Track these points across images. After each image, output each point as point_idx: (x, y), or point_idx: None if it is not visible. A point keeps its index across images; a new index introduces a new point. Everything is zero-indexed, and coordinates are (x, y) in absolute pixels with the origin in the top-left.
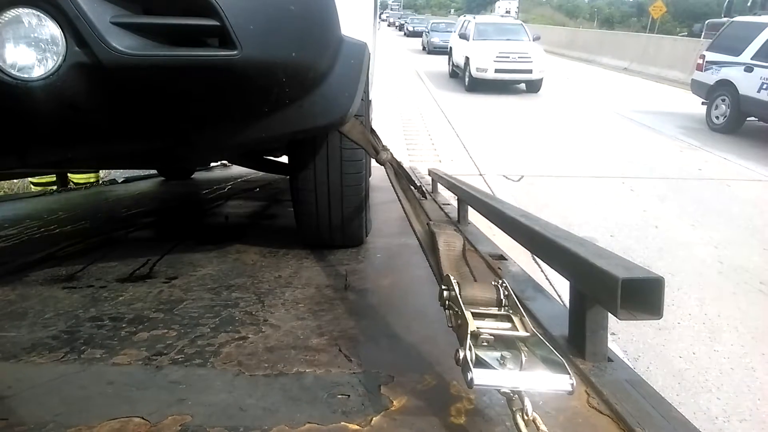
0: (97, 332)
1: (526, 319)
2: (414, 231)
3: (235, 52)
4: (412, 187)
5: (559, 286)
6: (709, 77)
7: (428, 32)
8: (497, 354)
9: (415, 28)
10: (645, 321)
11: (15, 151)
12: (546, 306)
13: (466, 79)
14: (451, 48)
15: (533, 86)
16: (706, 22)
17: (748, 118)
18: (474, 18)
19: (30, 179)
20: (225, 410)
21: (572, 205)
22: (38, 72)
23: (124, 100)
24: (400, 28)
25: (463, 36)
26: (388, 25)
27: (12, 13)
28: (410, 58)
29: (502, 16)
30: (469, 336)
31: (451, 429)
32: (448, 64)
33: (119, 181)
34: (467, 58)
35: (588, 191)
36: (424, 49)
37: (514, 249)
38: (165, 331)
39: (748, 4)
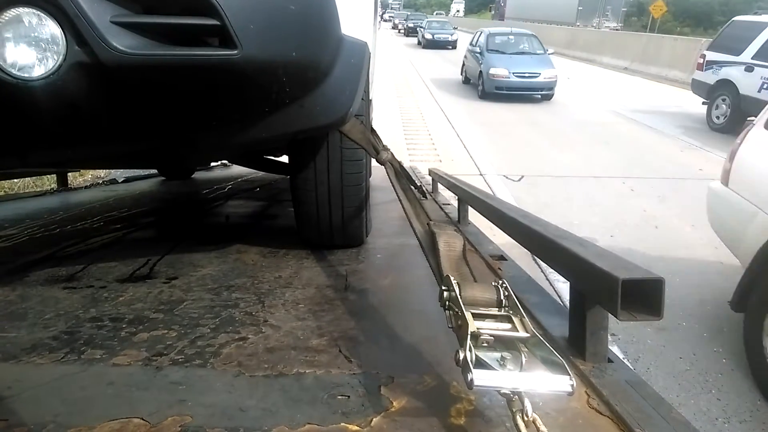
0: (97, 333)
1: (526, 319)
2: (414, 231)
3: (236, 52)
4: (412, 187)
5: (559, 286)
6: (710, 77)
7: (479, 53)
8: (497, 355)
9: (435, 37)
10: (645, 322)
11: (15, 151)
12: (546, 306)
13: None
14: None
15: None
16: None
17: (748, 118)
18: None
19: None
20: (225, 411)
21: (573, 205)
22: (39, 71)
23: (124, 99)
24: (409, 32)
25: None
26: (393, 28)
27: (12, 12)
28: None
29: (454, 16)
30: (469, 337)
31: (451, 430)
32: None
33: (119, 181)
34: None
35: (588, 191)
36: (467, 81)
37: (514, 249)
38: (165, 332)
39: None
